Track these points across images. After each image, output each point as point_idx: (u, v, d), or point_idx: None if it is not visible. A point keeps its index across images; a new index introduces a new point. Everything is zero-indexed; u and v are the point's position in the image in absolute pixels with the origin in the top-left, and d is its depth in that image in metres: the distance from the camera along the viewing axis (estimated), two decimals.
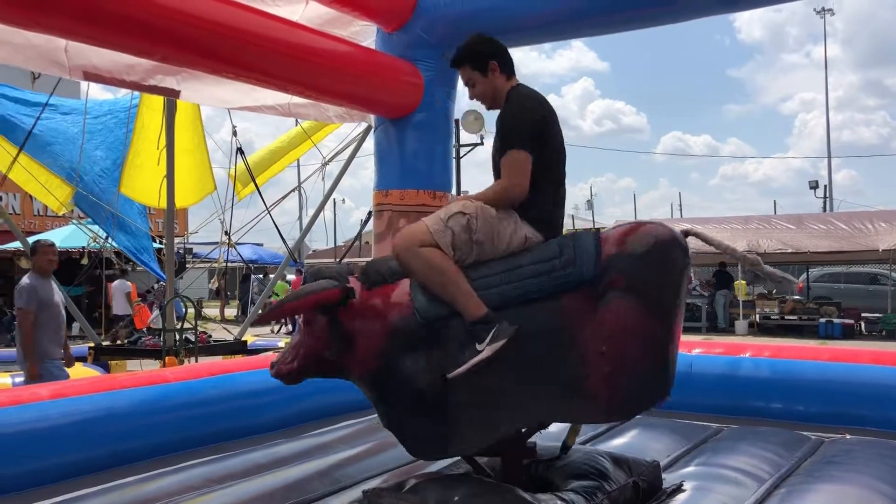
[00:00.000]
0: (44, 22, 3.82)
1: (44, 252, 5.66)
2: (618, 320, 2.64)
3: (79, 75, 5.18)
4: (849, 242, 16.59)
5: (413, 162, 5.52)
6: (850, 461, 3.58)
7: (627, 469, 3.04)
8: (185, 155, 9.71)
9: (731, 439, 4.00)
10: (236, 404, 4.33)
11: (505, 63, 3.00)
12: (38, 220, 18.41)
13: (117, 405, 3.83)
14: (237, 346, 9.09)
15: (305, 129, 10.11)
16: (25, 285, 5.46)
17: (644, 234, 2.75)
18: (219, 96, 6.01)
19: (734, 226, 18.24)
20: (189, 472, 3.48)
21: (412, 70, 5.40)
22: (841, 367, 4.50)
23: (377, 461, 3.61)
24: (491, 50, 3.00)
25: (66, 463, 3.54)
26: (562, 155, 2.97)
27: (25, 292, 5.45)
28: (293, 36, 4.80)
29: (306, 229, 11.69)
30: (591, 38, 18.50)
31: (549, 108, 2.93)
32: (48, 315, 5.51)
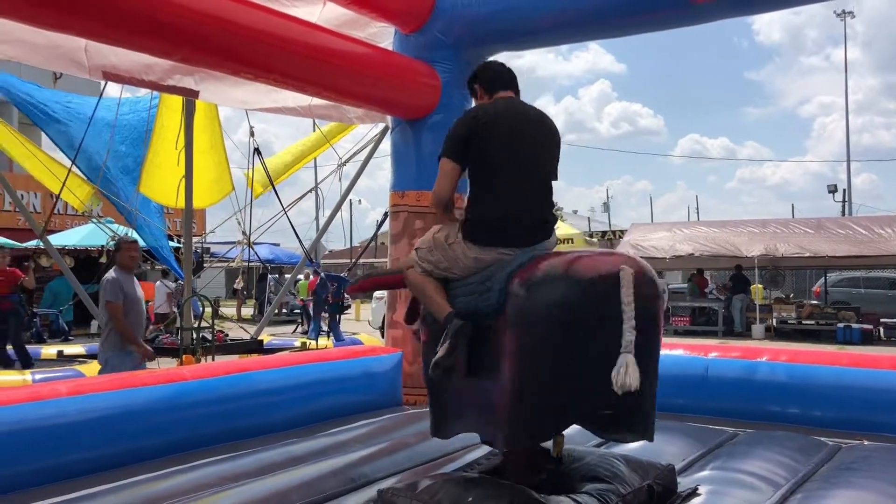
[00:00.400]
0: (66, 22, 3.87)
1: (126, 249, 5.90)
2: (503, 352, 2.77)
3: (98, 75, 5.24)
4: (868, 247, 16.43)
5: (430, 163, 5.49)
6: (868, 467, 3.55)
7: (642, 472, 3.03)
8: (203, 155, 9.79)
9: (747, 444, 3.97)
10: (252, 403, 4.35)
11: (485, 82, 3.30)
12: (59, 219, 18.58)
13: (134, 403, 3.86)
14: (254, 345, 9.15)
15: (325, 133, 10.16)
16: (111, 279, 5.71)
17: (540, 271, 2.78)
18: (238, 97, 6.05)
19: (752, 229, 18.12)
20: (204, 469, 3.50)
21: (429, 71, 5.42)
22: (860, 372, 4.45)
23: (392, 461, 3.62)
24: (474, 75, 3.36)
25: (83, 459, 3.57)
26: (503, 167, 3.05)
27: (110, 286, 5.66)
28: (311, 37, 4.83)
29: (322, 230, 11.75)
30: (608, 41, 18.41)
31: (486, 122, 3.07)
32: (131, 309, 5.72)
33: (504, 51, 5.86)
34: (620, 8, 4.96)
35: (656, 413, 2.91)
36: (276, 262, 23.23)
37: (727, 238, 17.99)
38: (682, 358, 4.88)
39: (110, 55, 5.03)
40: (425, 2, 5.36)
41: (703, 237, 18.39)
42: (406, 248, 4.82)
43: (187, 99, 8.77)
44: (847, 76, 40.05)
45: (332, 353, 5.98)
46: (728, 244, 17.78)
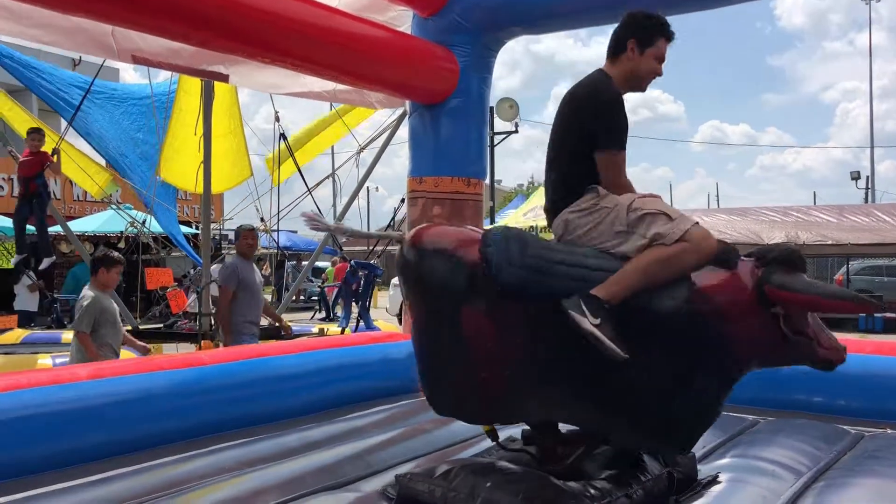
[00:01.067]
0: (82, 4, 3.86)
1: (244, 236, 6.09)
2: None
3: (127, 59, 5.25)
4: (891, 235, 16.22)
5: (447, 148, 5.49)
6: (892, 456, 3.51)
7: (662, 460, 3.00)
8: (221, 140, 9.81)
9: (768, 431, 3.93)
10: (270, 388, 4.36)
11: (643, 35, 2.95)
12: (78, 205, 18.75)
13: (154, 387, 3.88)
14: (272, 331, 9.18)
15: (339, 112, 10.13)
16: (228, 265, 5.92)
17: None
18: (267, 81, 6.04)
19: (773, 217, 17.95)
20: (222, 454, 3.52)
21: (448, 55, 5.37)
22: (884, 360, 4.39)
23: (410, 446, 3.62)
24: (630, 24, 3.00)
25: (102, 443, 3.59)
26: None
27: (225, 271, 5.88)
28: (329, 21, 4.80)
29: (340, 217, 11.72)
30: None
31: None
32: (248, 294, 5.89)
33: (524, 34, 5.80)
34: None
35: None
36: (294, 249, 23.31)
37: (748, 226, 17.82)
38: None
39: (137, 39, 5.03)
40: None
41: (723, 225, 18.22)
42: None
43: (206, 83, 8.78)
44: (871, 61, 39.59)
45: (350, 338, 5.99)
46: (749, 232, 17.61)
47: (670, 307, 2.62)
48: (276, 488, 2.98)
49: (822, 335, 2.66)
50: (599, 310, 2.55)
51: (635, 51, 2.87)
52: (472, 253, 2.76)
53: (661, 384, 2.65)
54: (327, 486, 3.05)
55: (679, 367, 2.65)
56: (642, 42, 2.87)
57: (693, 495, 2.94)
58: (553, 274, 2.68)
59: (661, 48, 2.91)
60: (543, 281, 2.67)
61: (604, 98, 2.85)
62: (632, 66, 2.90)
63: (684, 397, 2.67)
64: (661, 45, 2.90)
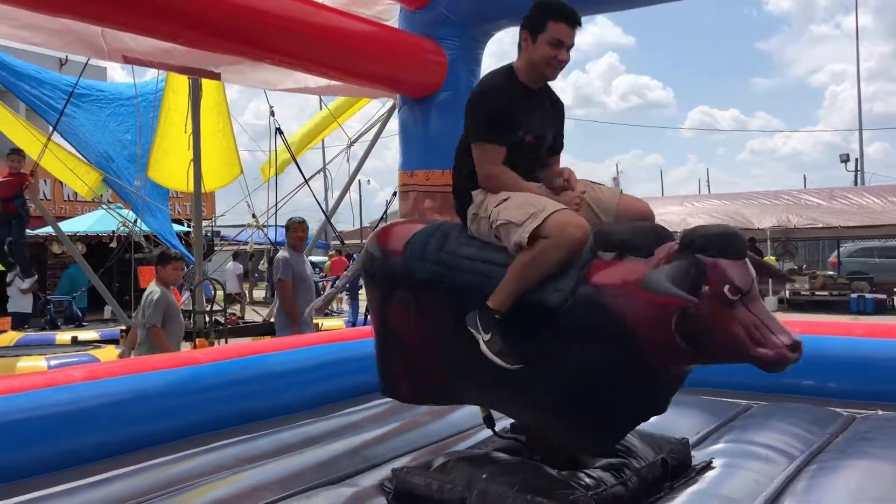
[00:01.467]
0: (69, 5, 3.84)
1: (293, 229, 6.28)
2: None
3: (118, 59, 5.23)
4: (881, 217, 16.31)
5: (438, 141, 5.49)
6: (884, 437, 3.54)
7: (656, 446, 3.02)
8: (211, 138, 9.78)
9: (761, 416, 3.96)
10: (266, 385, 4.37)
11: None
12: (69, 206, 18.67)
13: (149, 387, 3.88)
14: (266, 327, 9.19)
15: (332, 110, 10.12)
16: (281, 258, 6.06)
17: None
18: (259, 78, 6.04)
19: (763, 201, 18.04)
20: (220, 452, 3.53)
21: (436, 49, 5.37)
22: (874, 342, 4.42)
23: (406, 440, 3.64)
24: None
25: (99, 444, 3.59)
26: None
27: (282, 265, 6.00)
28: (316, 17, 4.79)
29: (332, 210, 11.75)
30: (616, 13, 18.23)
31: None
32: (302, 286, 6.02)
33: (511, 26, 5.80)
34: None
35: None
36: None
37: (739, 210, 17.91)
38: None
39: (128, 39, 5.02)
40: None
41: (714, 210, 18.31)
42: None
43: (193, 81, 8.75)
44: (858, 43, 39.63)
45: (346, 333, 6.00)
46: (740, 216, 17.70)
47: (557, 300, 2.55)
48: (274, 484, 2.99)
49: (762, 331, 2.31)
50: (490, 323, 2.63)
51: (528, 40, 2.85)
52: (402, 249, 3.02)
53: (565, 379, 2.59)
54: (325, 482, 3.07)
55: (580, 362, 2.54)
56: (533, 31, 2.84)
57: (687, 481, 2.97)
58: (461, 269, 2.81)
59: (554, 31, 2.79)
60: (451, 276, 2.82)
61: (474, 90, 2.92)
62: (527, 56, 2.86)
63: (591, 394, 2.58)
64: (553, 29, 2.79)
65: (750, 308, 2.34)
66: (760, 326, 2.32)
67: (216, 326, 8.15)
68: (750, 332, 2.32)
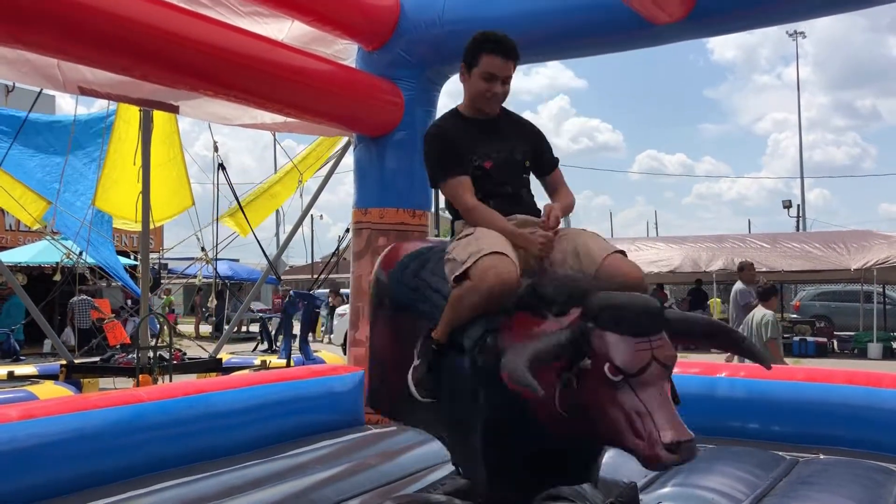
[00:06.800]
0: (17, 36, 3.78)
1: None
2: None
3: (74, 90, 5.15)
4: (822, 262, 16.81)
5: (393, 180, 5.52)
6: (825, 481, 3.61)
7: (605, 490, 3.02)
8: (160, 169, 9.64)
9: (708, 459, 4.00)
10: (211, 424, 4.28)
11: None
12: (10, 235, 18.14)
13: (89, 425, 3.76)
14: (212, 363, 9.00)
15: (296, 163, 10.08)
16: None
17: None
18: (217, 112, 5.98)
19: (710, 244, 18.43)
20: (162, 494, 3.43)
21: (392, 89, 5.42)
22: (815, 387, 4.54)
23: (354, 482, 3.59)
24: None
25: (36, 485, 3.47)
26: None
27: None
28: (273, 54, 4.80)
29: (283, 245, 11.64)
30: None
31: None
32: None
33: None
34: (584, 29, 5.01)
35: None
36: (236, 279, 22.97)
37: (686, 253, 18.28)
38: None
39: (84, 70, 4.93)
40: (388, 20, 5.37)
41: (662, 252, 18.66)
42: (369, 265, 4.78)
43: (144, 113, 8.65)
44: (800, 95, 41.33)
45: (293, 372, 5.92)
46: (687, 259, 18.06)
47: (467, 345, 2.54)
48: None
49: (644, 420, 2.07)
50: (426, 351, 2.71)
51: (465, 74, 2.89)
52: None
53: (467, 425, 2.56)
54: None
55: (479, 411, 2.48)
56: (468, 64, 2.87)
57: None
58: (424, 296, 2.88)
59: (487, 65, 2.79)
60: (416, 301, 2.91)
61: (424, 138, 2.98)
62: (465, 90, 2.92)
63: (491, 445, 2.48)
64: (486, 62, 2.79)
65: (638, 392, 2.09)
66: (644, 415, 2.06)
67: (160, 362, 7.96)
68: (630, 418, 2.08)
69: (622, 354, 2.11)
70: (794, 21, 17.87)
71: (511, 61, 2.83)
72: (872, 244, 16.64)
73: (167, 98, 5.46)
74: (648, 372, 2.11)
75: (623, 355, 2.11)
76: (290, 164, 10.24)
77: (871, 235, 17.47)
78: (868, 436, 4.24)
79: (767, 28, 5.61)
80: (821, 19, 46.52)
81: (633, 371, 2.10)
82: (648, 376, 2.10)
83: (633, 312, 2.17)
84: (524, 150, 2.92)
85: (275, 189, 10.91)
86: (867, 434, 4.25)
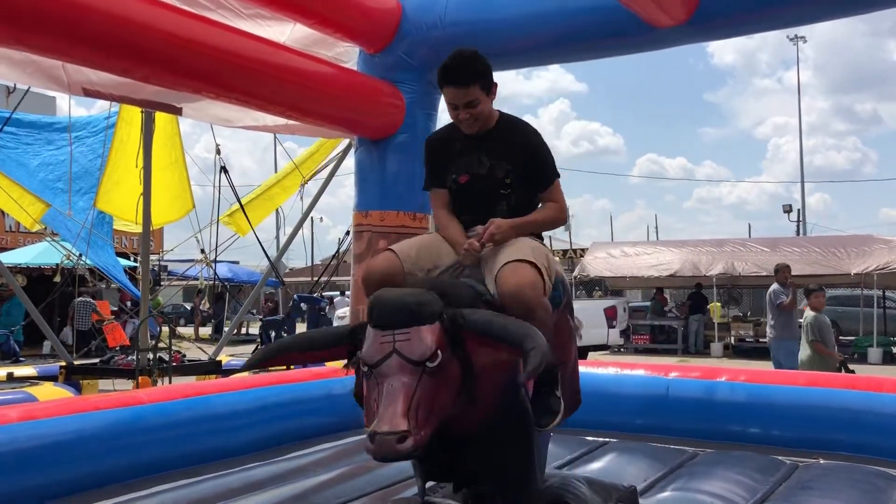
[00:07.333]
0: (23, 38, 3.79)
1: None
2: None
3: (78, 91, 5.15)
4: (822, 266, 16.80)
5: (394, 183, 5.52)
6: (824, 486, 3.61)
7: (605, 494, 3.02)
8: (163, 172, 9.64)
9: (708, 464, 4.01)
10: (210, 426, 4.27)
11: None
12: (10, 237, 18.15)
13: (89, 427, 3.76)
14: (212, 366, 8.99)
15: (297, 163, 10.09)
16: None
17: None
18: (220, 114, 5.98)
19: (710, 249, 18.43)
20: (162, 496, 3.42)
21: (394, 92, 5.43)
22: (815, 391, 4.53)
23: (353, 485, 3.58)
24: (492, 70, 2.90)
25: (35, 486, 3.46)
26: None
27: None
28: (275, 56, 4.80)
29: (284, 248, 11.63)
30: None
31: None
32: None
33: None
34: (585, 32, 5.02)
35: (620, 433, 2.94)
36: (236, 281, 22.98)
37: (686, 257, 18.28)
38: (643, 378, 4.92)
39: (89, 72, 4.94)
40: (389, 23, 5.38)
41: (663, 256, 18.67)
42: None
43: (146, 115, 8.65)
44: (800, 99, 41.19)
45: (293, 374, 5.91)
46: (687, 263, 18.07)
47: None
48: None
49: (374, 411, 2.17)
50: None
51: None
52: None
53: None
54: None
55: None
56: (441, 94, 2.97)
57: None
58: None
59: (447, 96, 2.85)
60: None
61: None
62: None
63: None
64: (446, 94, 2.84)
65: (379, 382, 2.17)
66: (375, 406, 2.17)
67: (160, 364, 7.95)
68: (370, 408, 2.20)
69: (366, 346, 2.23)
70: (797, 25, 17.93)
71: (465, 87, 2.79)
72: (873, 249, 16.63)
73: (170, 100, 5.46)
74: (387, 364, 2.17)
75: (366, 347, 2.22)
76: (290, 165, 10.24)
77: (872, 240, 17.45)
78: (868, 441, 4.23)
79: (768, 32, 5.60)
80: (821, 24, 46.76)
81: (371, 362, 2.19)
82: (387, 368, 2.16)
83: (380, 306, 2.26)
84: (507, 168, 2.89)
85: (273, 191, 10.92)
86: (867, 439, 4.24)
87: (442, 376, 2.21)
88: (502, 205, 2.90)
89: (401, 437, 2.06)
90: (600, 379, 4.86)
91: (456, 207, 2.90)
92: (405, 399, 2.12)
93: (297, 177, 10.23)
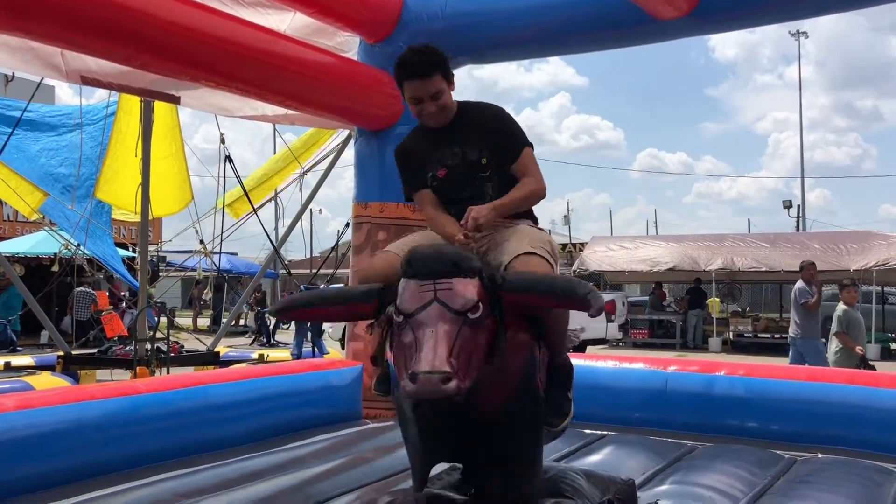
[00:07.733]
0: (21, 25, 3.76)
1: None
2: None
3: (76, 79, 5.12)
4: (821, 262, 16.79)
5: (393, 174, 5.43)
6: (823, 480, 3.61)
7: (603, 487, 3.02)
8: (162, 163, 9.62)
9: (706, 457, 4.00)
10: (208, 416, 4.27)
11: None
12: (8, 226, 18.12)
13: (87, 416, 3.75)
14: (209, 357, 9.00)
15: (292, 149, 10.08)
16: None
17: None
18: (219, 104, 5.95)
19: (709, 244, 18.43)
20: (159, 486, 3.42)
21: (394, 82, 5.39)
22: (815, 386, 4.53)
23: (350, 476, 3.57)
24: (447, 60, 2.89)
25: (32, 475, 3.45)
26: None
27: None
28: (274, 45, 4.78)
29: (283, 239, 11.60)
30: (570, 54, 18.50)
31: None
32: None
33: (469, 63, 5.87)
34: (587, 24, 4.99)
35: (618, 426, 2.94)
36: (234, 272, 22.97)
37: (685, 252, 18.28)
38: (641, 372, 4.91)
39: (87, 60, 4.91)
40: (390, 13, 5.35)
41: (662, 251, 18.66)
42: (368, 260, 4.77)
43: (146, 104, 8.63)
44: (801, 95, 41.02)
45: (291, 365, 5.90)
46: (686, 258, 18.07)
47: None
48: None
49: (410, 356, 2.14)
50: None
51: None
52: None
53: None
54: None
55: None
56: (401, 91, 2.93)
57: None
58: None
59: (407, 90, 2.86)
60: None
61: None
62: None
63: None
64: (406, 88, 2.86)
65: (415, 331, 2.14)
66: (413, 352, 2.12)
67: (158, 354, 7.95)
68: (405, 356, 2.16)
69: (402, 295, 2.21)
70: (799, 18, 17.83)
71: (428, 78, 2.79)
72: (872, 245, 16.64)
73: (168, 88, 5.43)
74: (426, 312, 2.15)
75: (403, 296, 2.21)
76: (288, 155, 10.23)
77: (871, 236, 17.45)
78: (866, 435, 4.23)
79: (770, 26, 5.59)
80: (823, 18, 46.46)
81: (410, 310, 2.17)
82: (425, 316, 2.14)
83: (421, 258, 2.25)
84: (480, 149, 2.87)
85: (274, 181, 10.92)
86: (866, 433, 4.24)
87: (480, 331, 2.19)
88: (487, 187, 2.88)
89: (445, 377, 2.03)
90: (599, 372, 4.86)
91: (443, 202, 2.89)
92: (447, 343, 2.10)
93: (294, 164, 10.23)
